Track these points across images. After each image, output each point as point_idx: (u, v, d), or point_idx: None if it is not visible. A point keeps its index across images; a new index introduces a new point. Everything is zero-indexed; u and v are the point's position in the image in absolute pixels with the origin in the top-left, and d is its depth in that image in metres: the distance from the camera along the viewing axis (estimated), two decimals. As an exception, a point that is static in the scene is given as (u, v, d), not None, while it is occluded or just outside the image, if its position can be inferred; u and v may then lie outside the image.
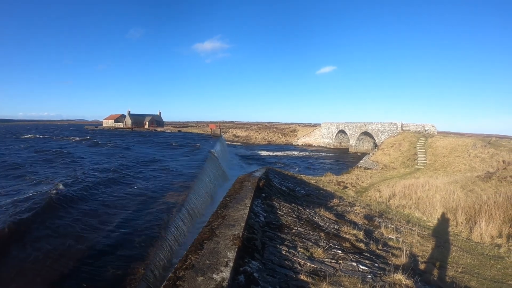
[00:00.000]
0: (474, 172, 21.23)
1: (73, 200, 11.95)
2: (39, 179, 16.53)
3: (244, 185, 9.22)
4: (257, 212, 6.80)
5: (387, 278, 4.66)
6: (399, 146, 36.59)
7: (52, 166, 21.94)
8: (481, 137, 39.12)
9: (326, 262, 4.92)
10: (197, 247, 4.25)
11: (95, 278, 6.89)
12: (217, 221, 5.39)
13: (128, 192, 14.06)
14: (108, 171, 18.93)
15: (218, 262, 3.68)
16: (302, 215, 8.09)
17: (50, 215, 10.18)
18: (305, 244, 5.55)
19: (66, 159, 25.04)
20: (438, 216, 11.36)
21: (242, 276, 3.67)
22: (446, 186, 15.58)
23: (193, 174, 18.85)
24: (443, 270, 6.11)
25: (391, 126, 46.65)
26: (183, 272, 3.46)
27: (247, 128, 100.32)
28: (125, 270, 7.18)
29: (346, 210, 10.98)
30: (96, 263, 7.54)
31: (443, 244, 8.18)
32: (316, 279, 4.15)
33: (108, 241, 8.73)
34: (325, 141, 72.36)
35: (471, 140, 30.13)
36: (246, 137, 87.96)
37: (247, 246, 4.55)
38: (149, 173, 19.29)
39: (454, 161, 27.24)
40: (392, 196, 15.16)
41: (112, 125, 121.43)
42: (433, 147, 31.89)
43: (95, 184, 14.76)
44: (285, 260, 4.65)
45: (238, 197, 7.42)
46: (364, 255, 5.71)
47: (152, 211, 11.23)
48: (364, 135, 57.25)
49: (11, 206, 11.03)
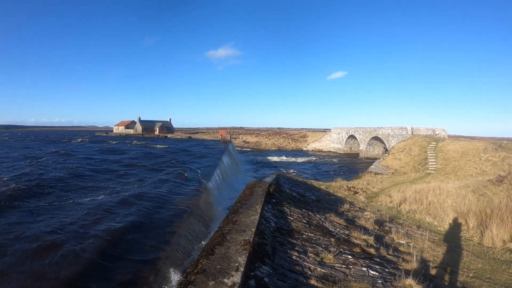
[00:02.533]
0: (485, 176, 21.00)
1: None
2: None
3: (254, 190, 9.27)
4: (268, 217, 6.85)
5: (398, 283, 4.67)
6: (410, 151, 36.30)
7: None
8: (492, 140, 38.60)
9: (337, 267, 4.95)
10: (208, 252, 4.31)
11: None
12: (228, 227, 5.45)
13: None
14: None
15: (229, 267, 3.73)
16: (312, 220, 8.11)
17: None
18: (316, 249, 5.57)
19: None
20: (449, 221, 11.27)
21: (253, 281, 3.71)
22: (457, 190, 15.45)
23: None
24: (454, 275, 6.09)
25: (401, 131, 46.34)
26: (194, 276, 3.52)
27: (257, 134, 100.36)
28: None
29: (357, 216, 10.96)
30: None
31: (454, 249, 8.12)
32: (326, 284, 4.18)
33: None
34: (335, 146, 72.09)
35: (482, 144, 29.80)
36: (256, 143, 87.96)
37: (257, 251, 4.60)
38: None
39: (465, 165, 26.95)
40: (403, 201, 15.06)
41: (122, 131, 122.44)
42: (443, 151, 31.58)
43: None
44: (295, 265, 4.68)
45: (249, 202, 7.47)
46: (374, 260, 5.72)
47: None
48: (374, 140, 56.93)
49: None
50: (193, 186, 18.23)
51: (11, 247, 9.04)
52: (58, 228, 10.43)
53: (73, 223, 11.02)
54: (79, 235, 9.92)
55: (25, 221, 11.34)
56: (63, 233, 10.07)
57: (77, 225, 10.86)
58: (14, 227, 10.58)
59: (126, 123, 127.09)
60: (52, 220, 11.46)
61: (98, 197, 15.05)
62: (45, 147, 50.49)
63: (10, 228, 10.54)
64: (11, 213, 12.25)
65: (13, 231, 10.22)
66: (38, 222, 11.27)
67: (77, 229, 10.44)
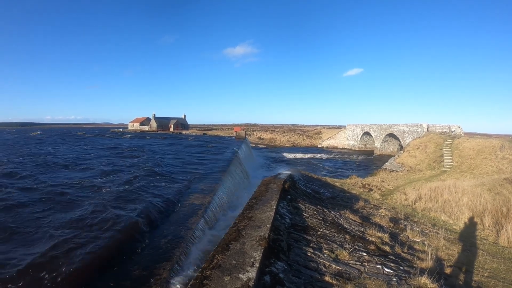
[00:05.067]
0: (501, 174, 20.66)
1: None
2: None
3: (269, 187, 9.33)
4: (283, 214, 6.90)
5: (412, 282, 4.68)
6: (425, 148, 35.86)
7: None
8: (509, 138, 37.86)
9: (351, 264, 4.98)
10: (223, 247, 4.38)
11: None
12: (243, 222, 5.52)
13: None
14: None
15: (244, 263, 3.79)
16: (327, 217, 8.14)
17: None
18: (330, 246, 5.61)
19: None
20: (464, 220, 11.17)
21: (268, 277, 3.77)
22: (473, 188, 15.25)
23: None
24: (469, 274, 6.06)
25: (416, 128, 45.77)
26: (210, 271, 3.59)
27: (272, 131, 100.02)
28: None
29: (372, 213, 10.94)
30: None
31: (469, 248, 8.07)
32: (341, 281, 4.22)
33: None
34: (350, 143, 71.55)
35: (499, 141, 29.27)
36: (271, 140, 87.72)
37: (272, 247, 4.66)
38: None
39: (481, 163, 26.53)
40: (418, 199, 14.94)
41: (137, 128, 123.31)
42: (459, 149, 31.12)
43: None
44: (310, 261, 4.73)
45: (264, 199, 7.54)
46: (389, 258, 5.73)
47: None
48: (389, 137, 56.36)
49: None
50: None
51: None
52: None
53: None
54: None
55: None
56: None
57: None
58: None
59: (141, 120, 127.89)
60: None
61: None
62: (103, 142, 51.43)
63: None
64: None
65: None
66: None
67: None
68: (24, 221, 9.60)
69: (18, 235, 8.57)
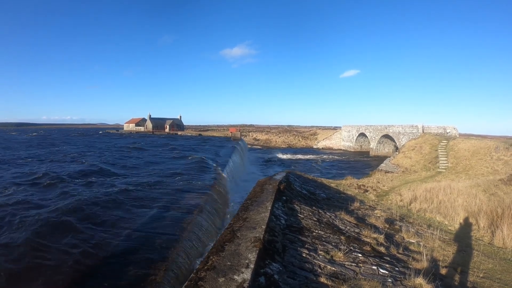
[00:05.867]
0: (496, 175, 20.76)
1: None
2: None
3: (264, 188, 9.30)
4: (278, 215, 6.88)
5: (408, 282, 4.67)
6: (420, 149, 36.01)
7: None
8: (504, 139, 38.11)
9: (347, 265, 4.97)
10: (218, 248, 4.35)
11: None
12: (238, 223, 5.49)
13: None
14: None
15: (239, 264, 3.76)
16: (322, 218, 8.12)
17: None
18: (326, 247, 5.59)
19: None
20: (459, 220, 11.20)
21: (263, 278, 3.74)
22: (468, 189, 15.31)
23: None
24: (464, 275, 6.06)
25: (412, 129, 45.97)
26: (205, 273, 3.56)
27: (267, 132, 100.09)
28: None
29: (367, 214, 10.94)
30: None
31: (465, 249, 8.08)
32: (336, 282, 4.20)
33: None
34: (345, 144, 71.77)
35: (494, 143, 29.45)
36: (266, 141, 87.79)
37: (267, 248, 4.63)
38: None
39: (476, 164, 26.68)
40: (413, 200, 14.98)
41: (133, 128, 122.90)
42: (454, 150, 31.27)
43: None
44: (305, 262, 4.71)
45: (259, 200, 7.51)
46: (384, 259, 5.72)
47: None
48: (384, 138, 56.56)
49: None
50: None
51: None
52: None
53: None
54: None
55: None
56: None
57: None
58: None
59: (136, 121, 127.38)
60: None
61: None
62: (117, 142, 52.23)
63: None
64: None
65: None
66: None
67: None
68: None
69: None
